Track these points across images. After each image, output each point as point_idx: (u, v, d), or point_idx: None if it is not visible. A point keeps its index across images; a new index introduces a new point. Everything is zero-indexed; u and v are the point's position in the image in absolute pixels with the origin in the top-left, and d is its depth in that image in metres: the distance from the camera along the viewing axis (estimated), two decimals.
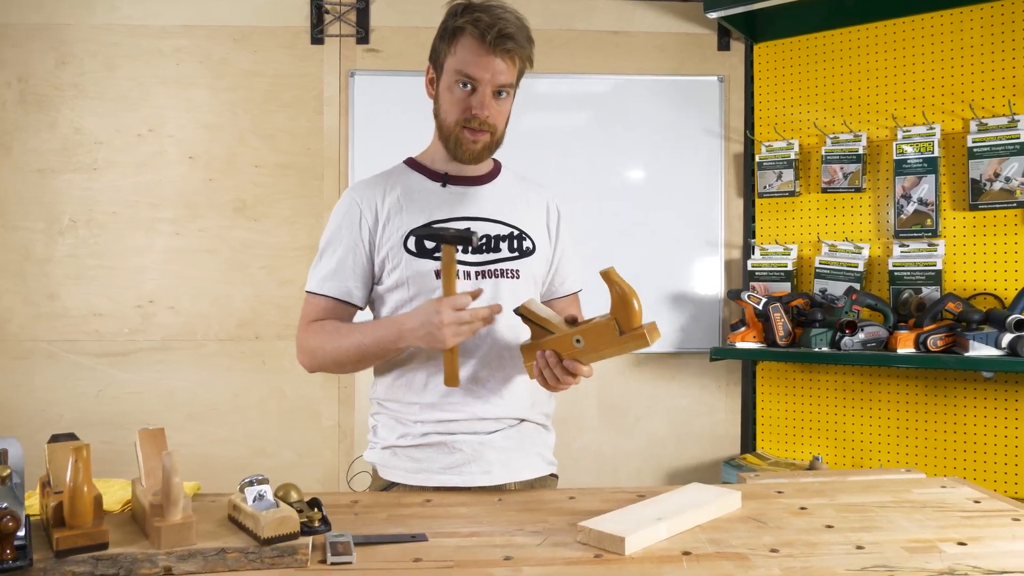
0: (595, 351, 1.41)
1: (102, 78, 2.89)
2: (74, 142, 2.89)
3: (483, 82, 1.50)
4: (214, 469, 2.93)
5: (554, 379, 1.45)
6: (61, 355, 2.90)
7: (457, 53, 1.50)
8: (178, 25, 2.90)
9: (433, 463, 1.59)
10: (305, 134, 2.93)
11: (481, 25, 1.46)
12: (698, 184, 2.96)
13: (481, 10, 1.48)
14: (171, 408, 2.93)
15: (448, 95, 1.53)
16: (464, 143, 1.55)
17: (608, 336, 1.39)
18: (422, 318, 1.43)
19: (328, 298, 1.59)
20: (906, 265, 2.53)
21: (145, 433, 1.35)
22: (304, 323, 1.61)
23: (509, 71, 1.51)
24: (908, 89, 2.60)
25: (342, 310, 1.60)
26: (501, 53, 1.48)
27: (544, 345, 1.45)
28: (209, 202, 2.92)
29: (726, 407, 2.99)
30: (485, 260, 1.59)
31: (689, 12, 2.95)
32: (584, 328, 1.42)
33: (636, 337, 1.37)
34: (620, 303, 1.37)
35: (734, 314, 2.89)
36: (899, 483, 1.60)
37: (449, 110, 1.54)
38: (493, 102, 1.52)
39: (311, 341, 1.58)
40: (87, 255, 2.90)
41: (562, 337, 1.44)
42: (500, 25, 1.46)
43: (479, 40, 1.47)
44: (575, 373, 1.44)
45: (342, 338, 1.54)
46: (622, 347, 1.39)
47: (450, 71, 1.51)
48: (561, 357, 1.44)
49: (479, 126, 1.53)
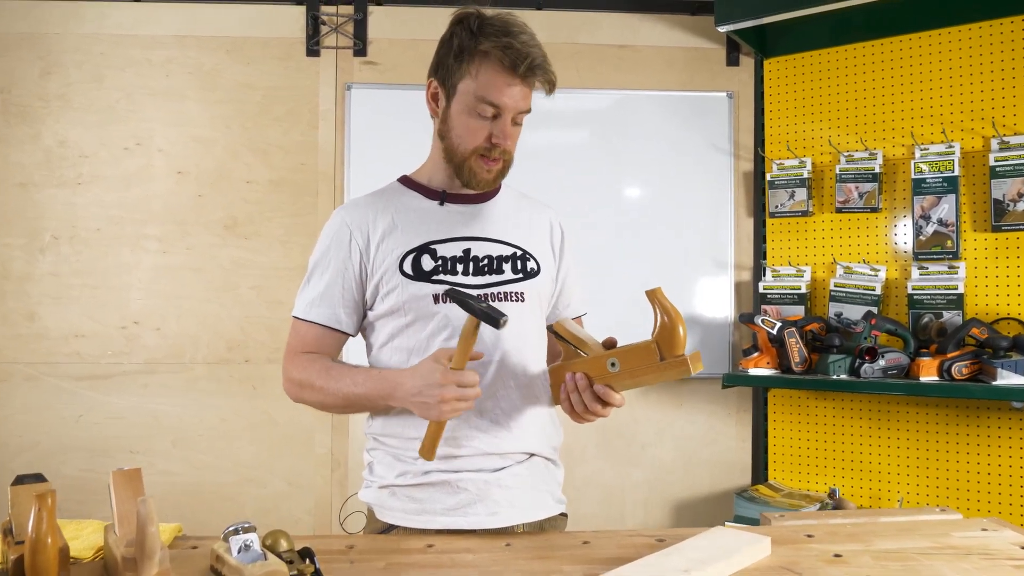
0: (631, 376, 1.29)
1: (89, 89, 2.78)
2: (58, 155, 2.77)
3: (507, 110, 1.40)
4: (201, 498, 2.80)
5: (582, 406, 1.34)
6: (40, 378, 2.77)
7: (480, 76, 1.39)
8: (169, 35, 2.80)
9: (435, 504, 1.47)
10: (299, 149, 2.82)
11: (512, 54, 1.36)
12: (706, 203, 2.86)
13: (506, 33, 1.37)
14: (156, 434, 2.80)
15: (465, 119, 1.42)
16: (479, 172, 1.46)
17: (647, 361, 1.27)
18: (422, 383, 1.32)
19: (316, 325, 1.48)
20: (926, 288, 2.43)
21: (120, 475, 1.22)
22: (291, 351, 1.51)
23: (530, 96, 1.43)
24: (926, 106, 2.51)
25: (331, 338, 1.50)
26: (527, 82, 1.40)
27: (575, 367, 1.34)
28: (198, 219, 2.80)
29: (736, 435, 2.87)
30: (487, 283, 1.48)
31: (697, 26, 2.86)
32: (621, 350, 1.30)
33: (678, 364, 1.26)
34: (665, 326, 1.26)
35: (745, 338, 2.78)
36: (936, 525, 1.48)
37: (466, 136, 1.43)
38: (511, 129, 1.44)
39: (298, 374, 1.47)
40: (69, 273, 2.77)
41: (596, 359, 1.32)
42: (532, 56, 1.37)
43: (509, 68, 1.37)
44: (606, 401, 1.33)
45: (331, 380, 1.44)
46: (661, 374, 1.27)
47: (468, 94, 1.41)
48: (592, 381, 1.33)
49: (499, 155, 1.44)
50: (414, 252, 1.47)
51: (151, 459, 2.80)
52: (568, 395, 1.35)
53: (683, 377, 1.26)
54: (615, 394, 1.33)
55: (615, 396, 1.33)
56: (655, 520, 2.84)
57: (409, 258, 1.46)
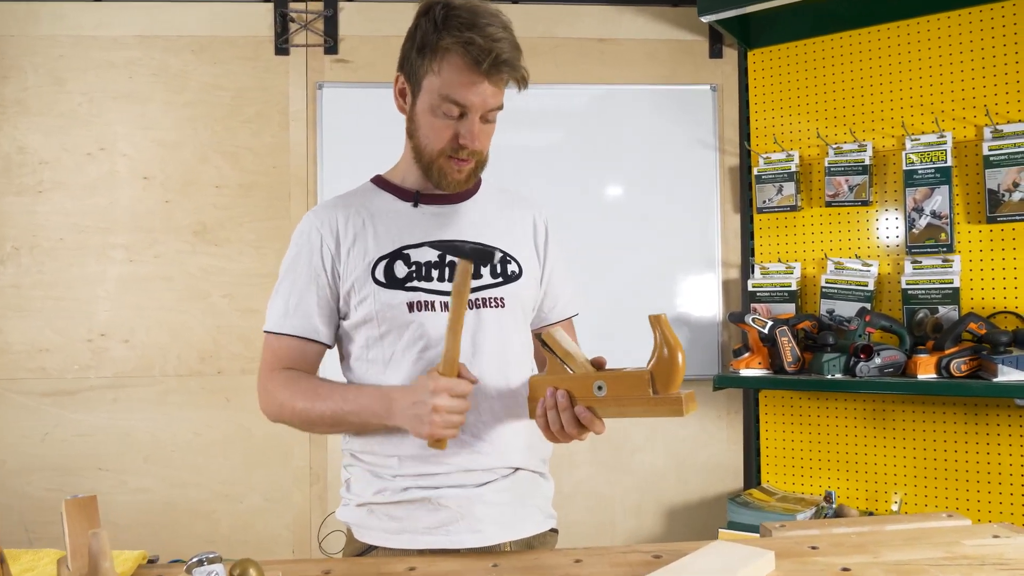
0: (617, 405, 1.19)
1: (48, 93, 2.66)
2: (17, 162, 2.65)
3: (473, 108, 1.30)
4: (175, 516, 2.69)
5: (558, 425, 1.23)
6: (3, 395, 2.65)
7: (442, 74, 1.29)
8: (132, 35, 2.68)
9: (416, 522, 1.37)
10: (270, 151, 2.71)
11: (474, 51, 1.25)
12: (692, 199, 2.79)
13: (470, 26, 1.25)
14: (127, 451, 2.68)
15: (430, 119, 1.33)
16: (448, 173, 1.36)
17: (638, 391, 1.16)
18: (414, 397, 1.24)
19: (292, 337, 1.38)
20: (920, 283, 2.36)
21: (73, 503, 1.11)
22: (266, 369, 1.40)
23: (499, 93, 1.32)
24: (917, 95, 2.44)
25: (309, 350, 1.40)
26: (495, 79, 1.28)
27: (558, 383, 1.23)
28: (166, 226, 2.68)
29: (728, 438, 2.79)
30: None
31: (679, 18, 2.79)
32: (611, 375, 1.19)
33: (670, 402, 1.15)
34: (664, 358, 1.15)
35: (734, 338, 2.71)
36: (946, 532, 1.41)
37: (431, 136, 1.34)
38: (481, 128, 1.33)
39: (278, 393, 1.37)
40: (31, 285, 2.65)
41: (582, 378, 1.21)
42: (496, 50, 1.25)
43: (472, 65, 1.26)
44: (585, 426, 1.22)
45: (318, 400, 1.34)
46: (650, 410, 1.16)
47: (432, 91, 1.31)
48: (574, 402, 1.22)
49: (468, 155, 1.34)
50: (387, 258, 1.37)
51: (123, 477, 2.68)
52: (546, 411, 1.24)
53: (675, 416, 1.15)
54: (597, 420, 1.22)
55: (597, 422, 1.22)
56: (647, 527, 2.76)
57: (381, 265, 1.37)
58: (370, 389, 1.35)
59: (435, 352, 1.36)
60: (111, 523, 2.62)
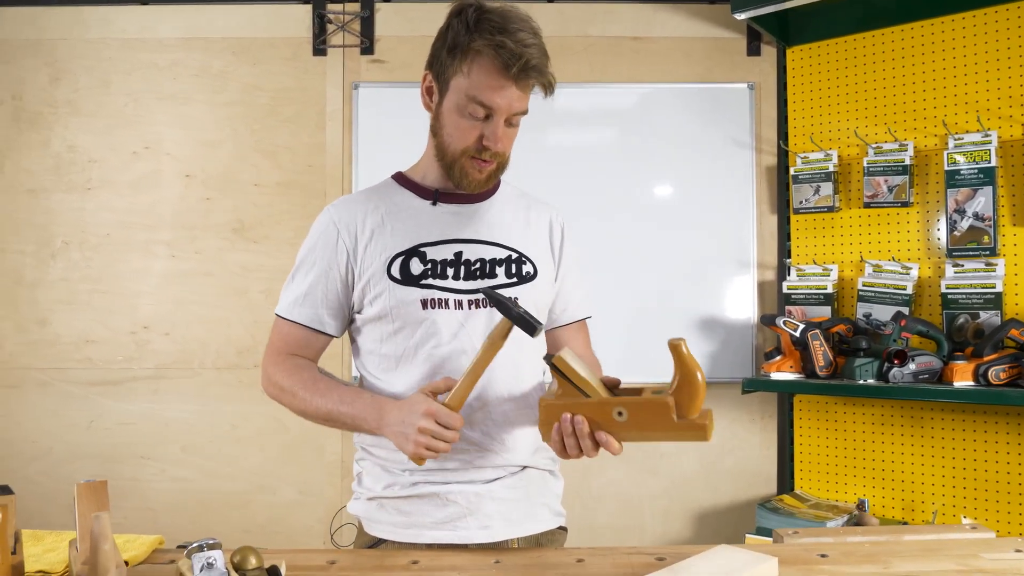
0: (639, 430, 1.18)
1: (97, 94, 2.77)
2: (67, 160, 2.76)
3: (499, 111, 1.32)
4: (212, 505, 2.77)
5: (576, 451, 1.22)
6: (52, 383, 2.76)
7: (472, 75, 1.31)
8: (175, 38, 2.77)
9: (424, 517, 1.40)
10: (307, 150, 2.76)
11: (504, 54, 1.27)
12: (727, 199, 2.74)
13: (501, 30, 1.28)
14: (166, 440, 2.76)
15: (455, 118, 1.35)
16: (470, 173, 1.38)
17: (662, 418, 1.16)
18: (403, 414, 1.27)
19: (298, 325, 1.43)
20: (961, 287, 2.28)
21: (84, 488, 1.16)
22: (272, 351, 1.45)
23: (526, 98, 1.34)
24: (960, 93, 2.36)
25: (314, 339, 1.44)
26: (523, 83, 1.31)
27: (575, 408, 1.21)
28: (207, 223, 2.76)
29: (761, 443, 2.74)
30: (479, 287, 1.40)
31: (716, 15, 2.74)
32: (633, 402, 1.18)
33: (695, 428, 1.15)
34: (686, 384, 1.14)
35: (769, 341, 2.65)
36: (965, 545, 1.36)
37: (456, 135, 1.36)
38: (505, 131, 1.35)
39: (282, 379, 1.41)
40: (79, 279, 2.76)
41: (601, 405, 1.20)
42: (527, 56, 1.27)
43: (502, 68, 1.28)
44: (607, 450, 1.21)
45: (316, 395, 1.38)
46: (674, 435, 1.17)
47: (459, 91, 1.33)
48: (592, 428, 1.20)
49: (490, 157, 1.36)
50: (403, 255, 1.40)
51: (162, 465, 2.76)
52: (563, 438, 1.22)
53: (699, 441, 1.15)
54: (616, 444, 1.21)
55: (616, 445, 1.21)
56: (675, 531, 2.72)
57: (397, 261, 1.39)
58: (367, 396, 1.37)
59: (447, 349, 1.38)
60: (149, 509, 2.72)
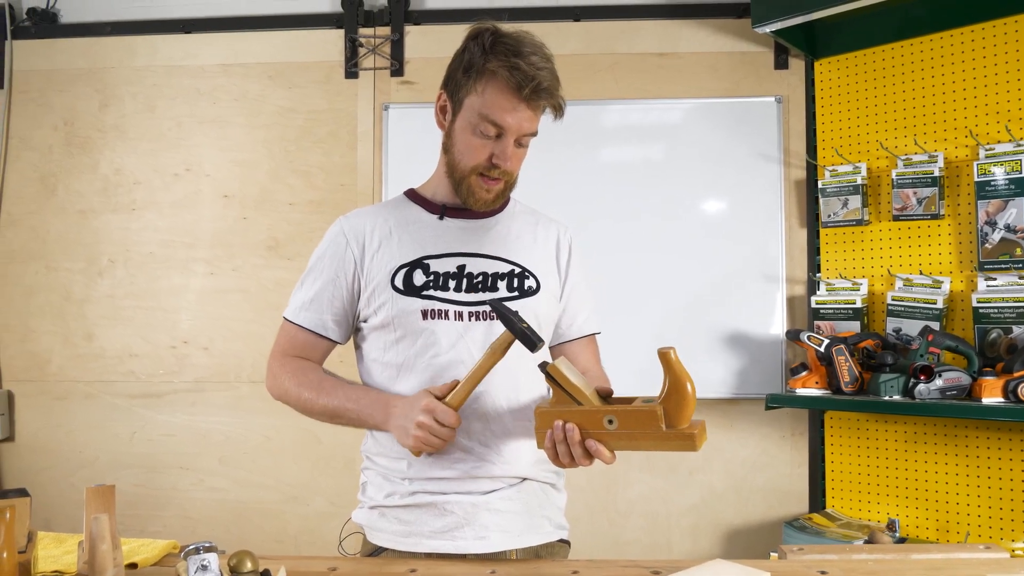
0: (629, 439, 1.20)
1: (143, 119, 2.90)
2: (114, 183, 2.90)
3: (510, 131, 1.37)
4: (247, 515, 2.85)
5: (568, 457, 1.24)
6: (98, 396, 2.88)
7: (485, 94, 1.36)
8: (216, 64, 2.89)
9: (423, 526, 1.43)
10: (339, 170, 2.85)
11: (518, 75, 1.32)
12: (756, 214, 2.72)
13: (516, 53, 1.33)
14: (204, 451, 2.86)
15: (467, 136, 1.39)
16: (477, 191, 1.43)
17: (650, 427, 1.18)
18: (406, 409, 1.32)
19: (303, 329, 1.48)
20: (993, 301, 2.21)
21: (93, 491, 1.22)
22: (278, 351, 1.51)
23: (536, 120, 1.39)
24: (991, 102, 2.30)
25: (317, 343, 1.49)
26: (534, 105, 1.36)
27: (567, 416, 1.23)
28: (243, 241, 2.86)
29: (791, 460, 2.69)
30: (479, 300, 1.43)
31: (742, 30, 2.74)
32: (622, 410, 1.20)
33: (683, 437, 1.16)
34: (675, 393, 1.16)
35: (798, 356, 2.61)
36: (974, 565, 1.32)
37: (466, 153, 1.40)
38: (514, 151, 1.40)
39: (286, 380, 1.47)
40: (124, 295, 2.88)
41: (592, 413, 1.22)
42: (539, 78, 1.33)
43: (515, 89, 1.34)
44: (596, 458, 1.23)
45: (322, 394, 1.43)
46: (663, 444, 1.18)
47: (472, 111, 1.38)
48: (583, 434, 1.22)
49: (499, 175, 1.40)
50: (407, 267, 1.44)
51: (200, 476, 2.86)
52: (555, 445, 1.25)
53: (687, 451, 1.17)
54: (606, 452, 1.22)
55: (606, 453, 1.23)
56: (704, 549, 2.69)
57: (401, 272, 1.44)
58: (373, 393, 1.42)
59: (445, 359, 1.41)
60: (187, 518, 2.81)
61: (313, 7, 2.88)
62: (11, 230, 2.92)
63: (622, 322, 2.70)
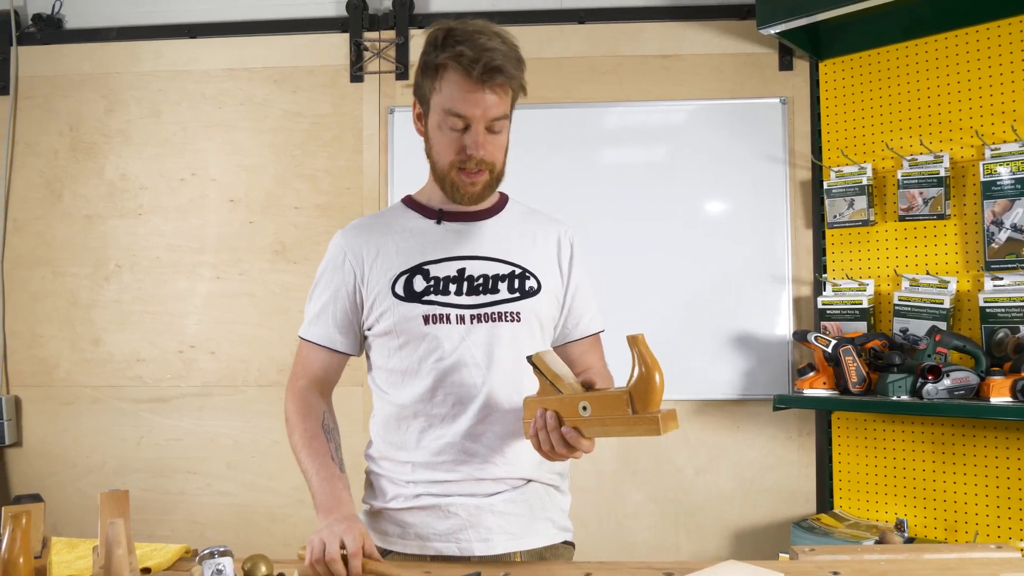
0: (600, 425, 1.23)
1: (148, 124, 2.91)
2: (120, 188, 2.90)
3: (475, 119, 1.36)
4: (255, 519, 2.85)
5: (548, 445, 1.27)
6: (105, 400, 2.89)
7: (443, 90, 1.36)
8: (221, 69, 2.90)
9: (427, 528, 1.44)
10: (345, 174, 2.85)
11: (465, 60, 1.31)
12: (761, 215, 2.72)
13: (463, 40, 1.33)
14: (212, 455, 2.86)
15: (439, 135, 1.39)
16: (462, 186, 1.42)
17: (617, 411, 1.20)
18: (329, 534, 1.27)
19: (315, 345, 1.50)
20: (1000, 301, 2.21)
21: (107, 496, 1.22)
22: (294, 378, 1.52)
23: (501, 102, 1.37)
24: (996, 102, 2.30)
25: (329, 358, 1.50)
26: (490, 87, 1.34)
27: (548, 404, 1.27)
28: (249, 245, 2.87)
29: (799, 460, 2.69)
30: (481, 302, 1.43)
31: (746, 31, 2.74)
32: (594, 396, 1.23)
33: (647, 422, 1.18)
34: (641, 379, 1.18)
35: (804, 357, 2.61)
36: (986, 564, 1.32)
37: (442, 151, 1.40)
38: (488, 138, 1.38)
39: (291, 415, 1.48)
40: (131, 300, 2.89)
41: (568, 400, 1.25)
42: (486, 58, 1.31)
43: (465, 76, 1.33)
44: (574, 445, 1.25)
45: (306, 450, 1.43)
46: (630, 429, 1.20)
47: (438, 109, 1.38)
48: (562, 422, 1.26)
49: (476, 166, 1.39)
50: (407, 273, 1.45)
51: (208, 480, 2.86)
52: (537, 432, 1.28)
53: (653, 435, 1.18)
54: (584, 440, 1.25)
55: (583, 442, 1.25)
56: (711, 550, 2.69)
57: (401, 279, 1.44)
58: (329, 485, 1.38)
59: (448, 363, 1.42)
60: (195, 522, 2.82)
61: (318, 11, 2.89)
62: (17, 236, 2.93)
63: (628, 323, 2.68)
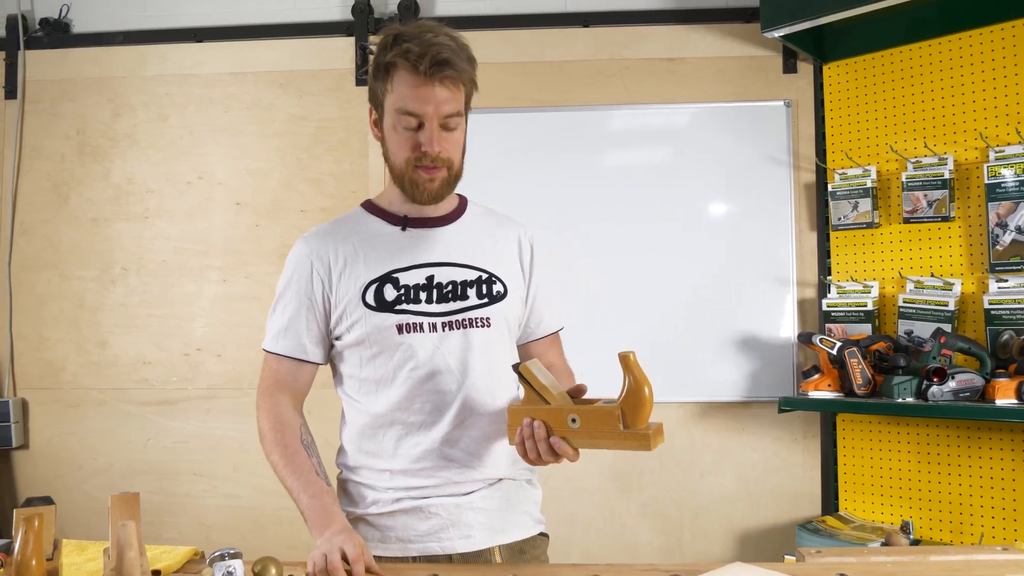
0: (589, 437, 1.26)
1: (154, 128, 2.92)
2: (126, 191, 2.92)
3: (427, 116, 1.36)
4: (262, 521, 2.85)
5: (535, 453, 1.29)
6: (111, 403, 2.90)
7: (394, 90, 1.36)
8: (227, 72, 2.91)
9: (408, 531, 1.45)
10: (350, 177, 2.86)
11: (412, 56, 1.32)
12: (766, 217, 2.73)
13: (410, 39, 1.33)
14: (218, 458, 2.87)
15: (394, 135, 1.39)
16: (420, 183, 1.40)
17: (608, 426, 1.23)
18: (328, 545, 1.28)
19: (284, 357, 1.47)
20: (1004, 302, 2.22)
21: (117, 499, 1.23)
22: (263, 390, 1.50)
23: (454, 98, 1.37)
24: (1000, 105, 2.31)
25: (301, 370, 1.49)
26: (440, 81, 1.34)
27: (535, 414, 1.30)
28: (255, 248, 2.88)
29: (804, 463, 2.69)
30: (451, 309, 1.44)
31: (750, 34, 2.75)
32: (584, 409, 1.26)
33: (638, 437, 1.21)
34: (632, 395, 1.21)
35: (809, 359, 2.62)
36: (992, 566, 1.33)
37: (397, 151, 1.40)
38: (443, 135, 1.38)
39: (266, 431, 1.47)
40: (137, 303, 2.90)
41: (557, 411, 1.28)
42: (432, 52, 1.32)
43: (413, 72, 1.33)
44: (560, 454, 1.28)
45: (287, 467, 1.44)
46: (620, 443, 1.23)
47: (391, 110, 1.38)
48: (549, 432, 1.28)
49: (432, 163, 1.39)
50: (376, 282, 1.44)
51: (214, 483, 2.87)
52: (523, 440, 1.30)
53: (643, 450, 1.21)
54: (570, 449, 1.27)
55: (569, 451, 1.27)
56: (716, 551, 2.69)
57: (371, 288, 1.43)
58: (319, 502, 1.39)
59: (423, 371, 1.42)
60: (202, 525, 2.83)
61: (323, 15, 2.90)
62: (24, 239, 2.94)
63: (632, 325, 2.71)
